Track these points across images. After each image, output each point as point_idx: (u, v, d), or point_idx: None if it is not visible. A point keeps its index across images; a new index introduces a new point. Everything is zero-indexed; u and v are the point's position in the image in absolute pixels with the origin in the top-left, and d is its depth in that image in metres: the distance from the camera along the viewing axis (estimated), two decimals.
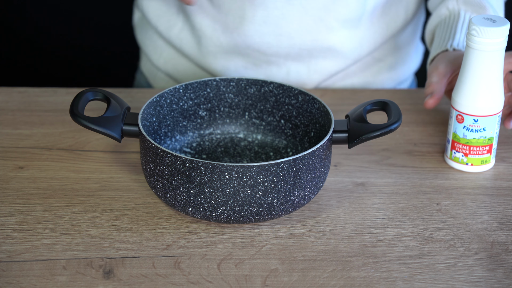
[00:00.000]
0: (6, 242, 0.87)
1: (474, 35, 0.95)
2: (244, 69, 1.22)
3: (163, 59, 1.28)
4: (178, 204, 0.88)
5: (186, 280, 0.83)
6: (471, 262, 0.86)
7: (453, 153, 1.01)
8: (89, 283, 0.82)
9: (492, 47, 0.95)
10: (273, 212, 0.88)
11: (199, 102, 1.02)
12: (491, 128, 0.98)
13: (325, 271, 0.85)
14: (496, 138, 1.00)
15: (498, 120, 0.99)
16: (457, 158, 1.01)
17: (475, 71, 0.97)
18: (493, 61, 0.96)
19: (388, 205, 0.95)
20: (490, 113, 0.97)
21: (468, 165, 1.01)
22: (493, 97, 0.97)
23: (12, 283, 0.82)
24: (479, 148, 0.99)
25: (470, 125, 0.98)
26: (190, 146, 1.03)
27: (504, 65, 1.01)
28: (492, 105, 0.97)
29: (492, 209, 0.95)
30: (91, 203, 0.94)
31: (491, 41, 0.94)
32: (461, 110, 0.99)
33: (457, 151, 1.00)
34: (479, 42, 0.95)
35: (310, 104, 0.99)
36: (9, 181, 0.98)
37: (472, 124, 0.98)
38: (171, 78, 1.29)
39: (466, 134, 0.99)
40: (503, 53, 0.96)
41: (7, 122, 1.10)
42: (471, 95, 0.98)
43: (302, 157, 0.86)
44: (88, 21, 2.00)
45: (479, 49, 0.95)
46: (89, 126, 0.89)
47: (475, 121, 0.98)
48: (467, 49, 0.97)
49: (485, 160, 1.01)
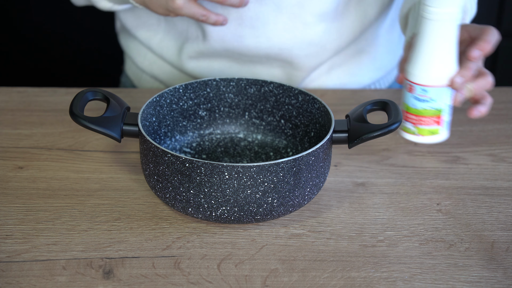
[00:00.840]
0: (6, 242, 0.87)
1: (425, 4, 0.95)
2: (228, 69, 1.22)
3: (148, 61, 1.28)
4: (178, 204, 0.88)
5: (186, 280, 0.83)
6: (472, 262, 0.86)
7: (404, 123, 1.01)
8: (88, 283, 0.82)
9: (441, 16, 0.95)
10: (273, 212, 0.88)
11: (199, 102, 1.02)
12: (440, 99, 0.98)
13: (325, 271, 0.84)
14: (448, 111, 1.00)
15: (449, 92, 0.99)
16: (407, 129, 1.00)
17: (424, 41, 0.97)
18: (443, 31, 0.96)
19: (389, 205, 0.95)
20: (438, 84, 0.97)
21: (417, 136, 1.00)
22: (442, 67, 0.97)
23: (11, 283, 0.82)
24: (427, 119, 0.99)
25: (419, 95, 0.98)
26: (190, 146, 1.02)
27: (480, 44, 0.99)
28: (440, 76, 0.97)
29: (493, 209, 0.95)
30: (90, 203, 0.94)
31: (439, 10, 0.94)
32: (411, 80, 0.98)
33: (407, 121, 1.00)
34: (429, 11, 0.95)
35: (310, 104, 0.99)
36: (8, 181, 0.98)
37: (421, 94, 0.98)
38: (156, 79, 1.29)
39: (415, 104, 0.99)
40: (455, 25, 0.96)
41: (7, 122, 1.10)
42: (420, 64, 0.98)
43: (302, 157, 0.86)
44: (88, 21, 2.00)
45: (428, 18, 0.95)
46: (88, 126, 0.89)
47: (423, 91, 0.98)
48: (419, 19, 0.97)
49: (433, 131, 1.00)
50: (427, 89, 0.97)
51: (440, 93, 0.97)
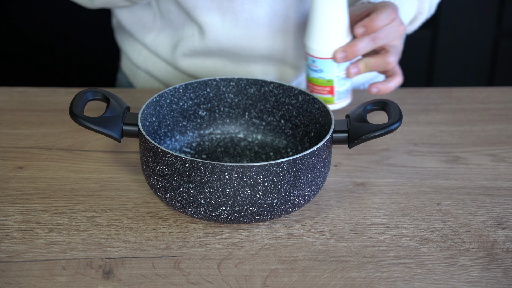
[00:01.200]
0: (6, 242, 0.87)
1: None
2: (223, 67, 1.22)
3: (142, 58, 1.29)
4: (178, 204, 0.88)
5: (186, 281, 0.83)
6: (472, 263, 0.86)
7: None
8: (88, 284, 0.82)
9: None
10: (273, 212, 0.88)
11: (199, 102, 1.02)
12: (328, 70, 1.00)
13: (325, 272, 0.84)
14: (341, 82, 1.01)
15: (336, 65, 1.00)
16: None
17: (312, 13, 1.00)
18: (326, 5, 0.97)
19: (389, 205, 0.95)
20: (323, 56, 0.99)
21: None
22: (327, 40, 0.98)
23: (11, 284, 0.82)
24: (320, 88, 1.02)
25: (311, 64, 1.01)
26: (190, 146, 1.02)
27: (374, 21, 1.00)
28: (325, 49, 0.99)
29: (493, 209, 0.95)
30: (90, 203, 0.94)
31: None
32: (305, 50, 1.02)
33: (307, 87, 1.04)
34: None
35: (310, 104, 0.99)
36: (8, 181, 0.97)
37: (312, 64, 1.01)
38: (151, 76, 1.30)
39: (310, 73, 1.03)
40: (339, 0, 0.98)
41: (7, 122, 1.10)
42: (309, 36, 1.01)
43: (302, 157, 0.86)
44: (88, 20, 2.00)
45: None
46: (88, 126, 0.89)
47: (313, 62, 1.00)
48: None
49: (328, 100, 1.04)
50: (316, 60, 1.00)
51: (327, 65, 1.00)
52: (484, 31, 1.92)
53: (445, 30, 1.91)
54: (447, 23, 1.91)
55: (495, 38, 1.94)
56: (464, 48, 1.94)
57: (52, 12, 2.00)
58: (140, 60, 1.29)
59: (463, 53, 1.94)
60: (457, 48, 1.94)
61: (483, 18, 1.91)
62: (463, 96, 1.21)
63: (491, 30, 1.92)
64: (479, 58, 1.95)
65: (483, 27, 1.91)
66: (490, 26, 1.91)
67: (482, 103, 1.19)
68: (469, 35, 1.92)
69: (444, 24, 1.91)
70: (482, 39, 1.93)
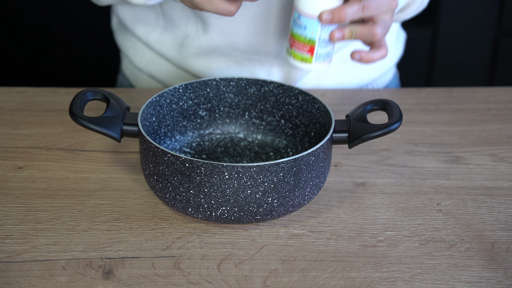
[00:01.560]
0: (5, 243, 0.87)
1: None
2: (227, 68, 1.22)
3: (145, 60, 1.27)
4: (178, 204, 0.88)
5: (186, 281, 0.83)
6: (472, 263, 0.86)
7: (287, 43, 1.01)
8: (88, 284, 0.82)
9: None
10: (273, 212, 0.88)
11: (199, 102, 1.02)
12: (311, 30, 0.99)
13: (325, 272, 0.84)
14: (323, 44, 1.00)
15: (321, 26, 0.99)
16: (287, 48, 1.03)
17: None
18: None
19: (389, 205, 0.95)
20: (309, 13, 0.98)
21: (290, 57, 1.02)
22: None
23: (11, 284, 0.82)
24: (300, 44, 1.01)
25: (296, 19, 1.00)
26: (190, 146, 1.02)
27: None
28: (311, 6, 0.98)
29: (493, 209, 0.95)
30: (90, 203, 0.94)
31: None
32: (294, 3, 1.00)
33: (288, 41, 1.03)
34: None
35: (310, 104, 0.99)
36: (8, 181, 0.97)
37: (297, 19, 1.00)
38: (154, 79, 1.29)
39: (293, 27, 1.01)
40: None
41: (6, 122, 1.10)
42: None
43: (302, 157, 0.86)
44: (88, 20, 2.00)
45: None
46: (88, 126, 0.89)
47: (298, 17, 1.00)
48: None
49: (305, 59, 1.01)
50: (301, 17, 0.99)
51: (311, 23, 0.99)
52: (484, 31, 1.92)
53: (445, 30, 1.91)
54: (447, 23, 1.90)
55: (495, 38, 1.94)
56: (464, 48, 1.94)
57: (52, 12, 2.00)
58: (142, 63, 1.28)
59: (463, 53, 1.94)
60: (457, 48, 1.94)
61: (483, 18, 1.91)
62: (463, 96, 1.21)
63: (491, 30, 1.92)
64: (479, 58, 1.95)
65: (483, 27, 1.91)
66: (490, 26, 1.91)
67: (482, 103, 1.19)
68: (469, 35, 1.92)
69: (444, 24, 1.91)
70: (482, 39, 1.93)
